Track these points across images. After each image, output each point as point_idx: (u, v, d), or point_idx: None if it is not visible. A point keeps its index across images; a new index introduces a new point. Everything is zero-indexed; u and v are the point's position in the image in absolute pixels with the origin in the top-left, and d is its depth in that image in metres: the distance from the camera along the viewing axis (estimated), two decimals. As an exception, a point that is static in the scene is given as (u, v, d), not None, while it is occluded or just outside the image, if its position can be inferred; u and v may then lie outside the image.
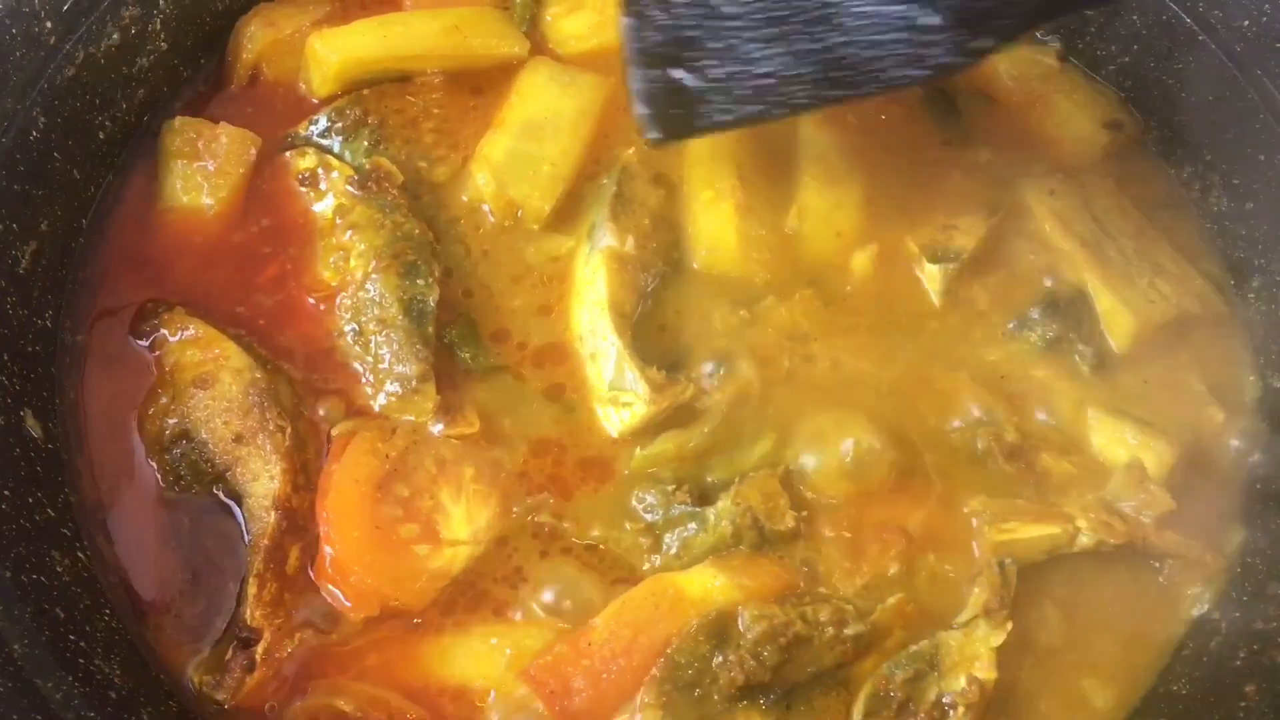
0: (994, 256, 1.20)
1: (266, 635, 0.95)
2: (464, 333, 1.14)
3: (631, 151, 1.21)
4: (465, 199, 1.21)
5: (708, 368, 1.12)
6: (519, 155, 1.20)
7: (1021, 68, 1.31)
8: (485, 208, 1.20)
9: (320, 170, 1.20)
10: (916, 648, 0.98)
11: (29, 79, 1.09)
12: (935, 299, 1.17)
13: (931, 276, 1.17)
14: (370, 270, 1.12)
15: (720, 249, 1.18)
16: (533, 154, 1.20)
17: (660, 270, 1.16)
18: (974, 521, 1.04)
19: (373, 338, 1.10)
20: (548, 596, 1.02)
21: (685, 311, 1.16)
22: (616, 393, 1.08)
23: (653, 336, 1.14)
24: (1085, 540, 1.02)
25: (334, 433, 1.06)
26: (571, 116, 1.23)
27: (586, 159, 1.23)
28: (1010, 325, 1.17)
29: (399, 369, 1.08)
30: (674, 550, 1.03)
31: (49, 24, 1.11)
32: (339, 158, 1.21)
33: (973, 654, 0.96)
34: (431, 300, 1.11)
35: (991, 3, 1.00)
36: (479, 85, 1.27)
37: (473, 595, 1.02)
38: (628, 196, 1.18)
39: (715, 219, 1.19)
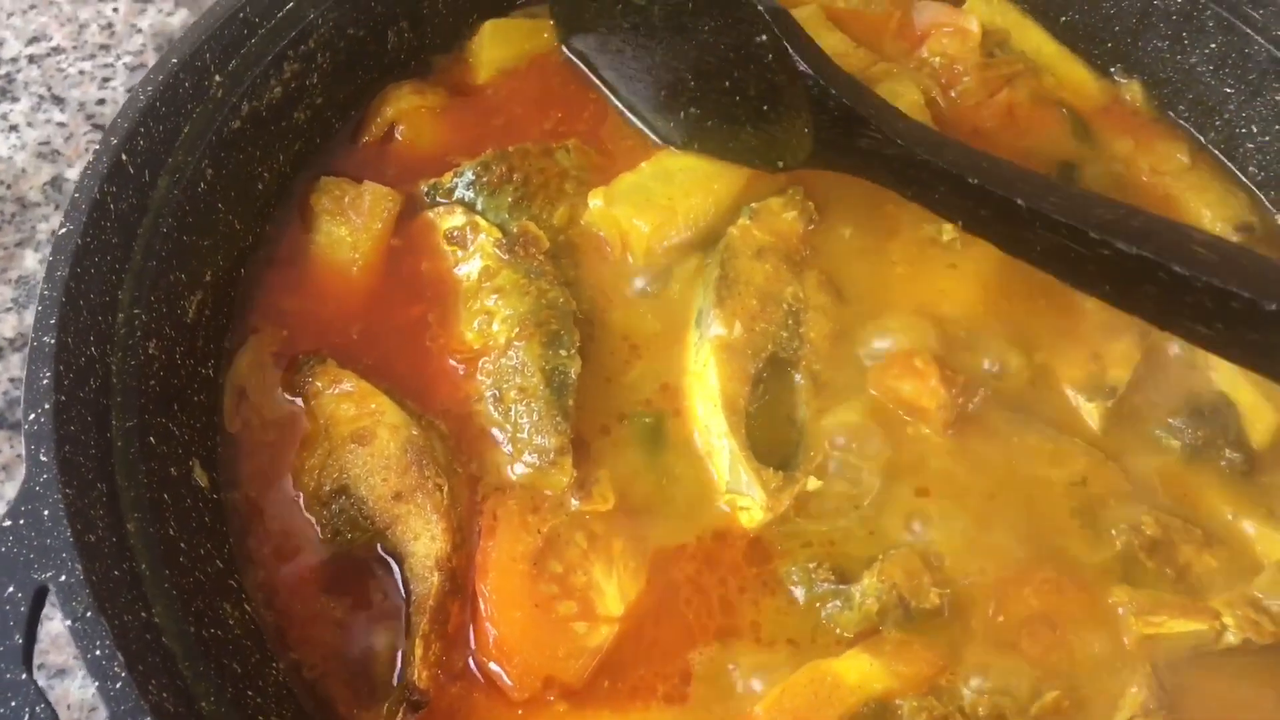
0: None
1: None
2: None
3: (734, 228, 1.20)
4: (582, 222, 1.22)
5: (839, 441, 1.11)
6: (640, 188, 1.22)
7: (1154, 162, 1.32)
8: (601, 235, 1.21)
9: (468, 230, 1.20)
10: None
11: (199, 131, 1.12)
12: (1095, 427, 1.15)
13: (1089, 412, 1.16)
14: (513, 337, 1.12)
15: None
16: (654, 190, 1.21)
17: (769, 352, 1.13)
18: (1120, 611, 1.04)
19: (513, 406, 1.09)
20: (701, 676, 1.00)
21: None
22: (734, 496, 1.07)
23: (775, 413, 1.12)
24: (1231, 639, 1.02)
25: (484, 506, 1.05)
26: (707, 173, 1.24)
27: (712, 223, 1.22)
28: (1156, 432, 1.16)
29: (538, 440, 1.07)
30: (827, 626, 1.02)
31: (217, 77, 1.14)
32: (484, 216, 1.21)
33: (1132, 753, 0.96)
34: (573, 371, 1.10)
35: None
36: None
37: (627, 673, 1.00)
38: (732, 278, 1.16)
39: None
